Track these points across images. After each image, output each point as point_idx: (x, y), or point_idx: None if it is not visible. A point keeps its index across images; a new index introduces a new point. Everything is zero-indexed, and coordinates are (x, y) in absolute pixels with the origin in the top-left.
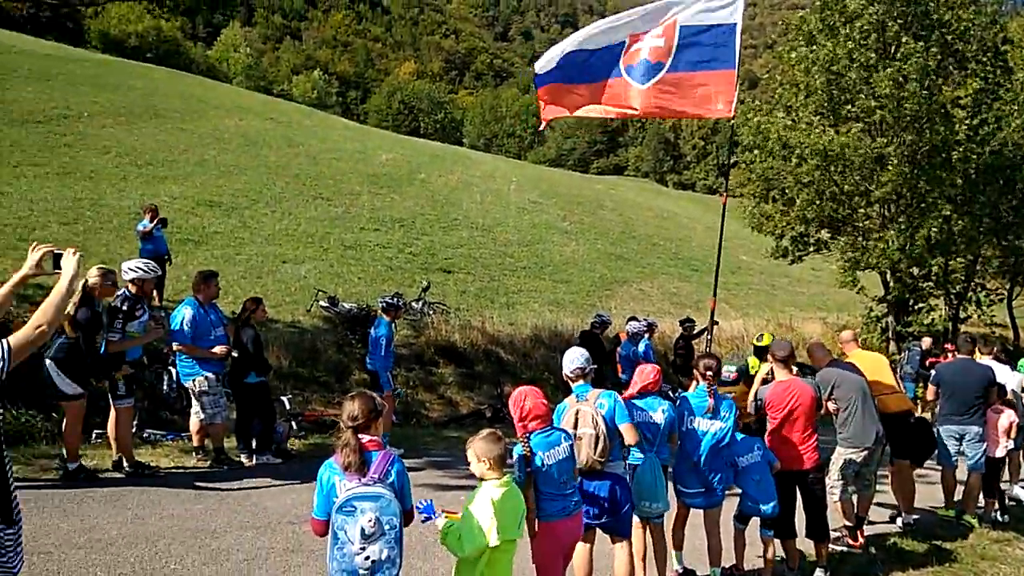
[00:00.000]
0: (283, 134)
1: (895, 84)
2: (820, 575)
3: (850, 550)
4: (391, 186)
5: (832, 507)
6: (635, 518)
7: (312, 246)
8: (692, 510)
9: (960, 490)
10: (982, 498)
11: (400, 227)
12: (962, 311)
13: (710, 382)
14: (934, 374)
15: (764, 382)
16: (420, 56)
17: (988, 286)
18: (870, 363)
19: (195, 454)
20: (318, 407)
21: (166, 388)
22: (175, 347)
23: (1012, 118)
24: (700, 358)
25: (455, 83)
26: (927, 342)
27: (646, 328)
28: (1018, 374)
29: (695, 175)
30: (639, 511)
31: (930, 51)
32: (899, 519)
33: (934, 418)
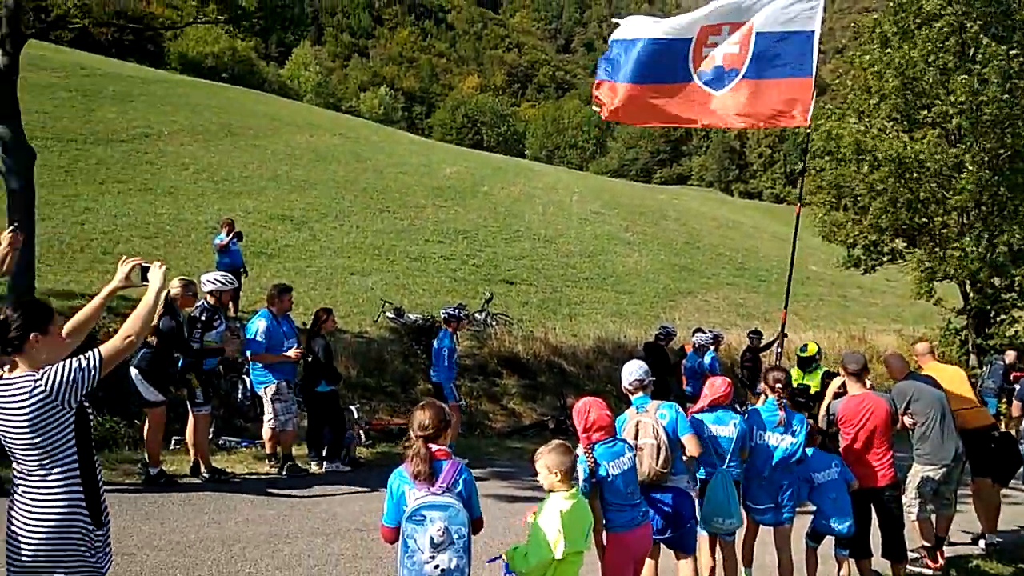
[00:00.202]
0: (351, 149)
1: (971, 91)
2: None
3: (929, 572)
4: (455, 199)
5: (909, 526)
6: (702, 533)
7: (379, 258)
8: (762, 527)
9: None
10: None
11: (463, 239)
12: None
13: (780, 395)
14: (1019, 389)
15: (836, 396)
16: (483, 70)
17: None
18: (948, 377)
19: (268, 461)
20: (385, 416)
21: (240, 396)
22: (250, 356)
23: None
24: (769, 371)
25: (517, 96)
26: (1011, 356)
27: (712, 340)
28: None
29: (762, 184)
30: (711, 527)
31: (1012, 53)
32: (982, 540)
33: (1019, 435)
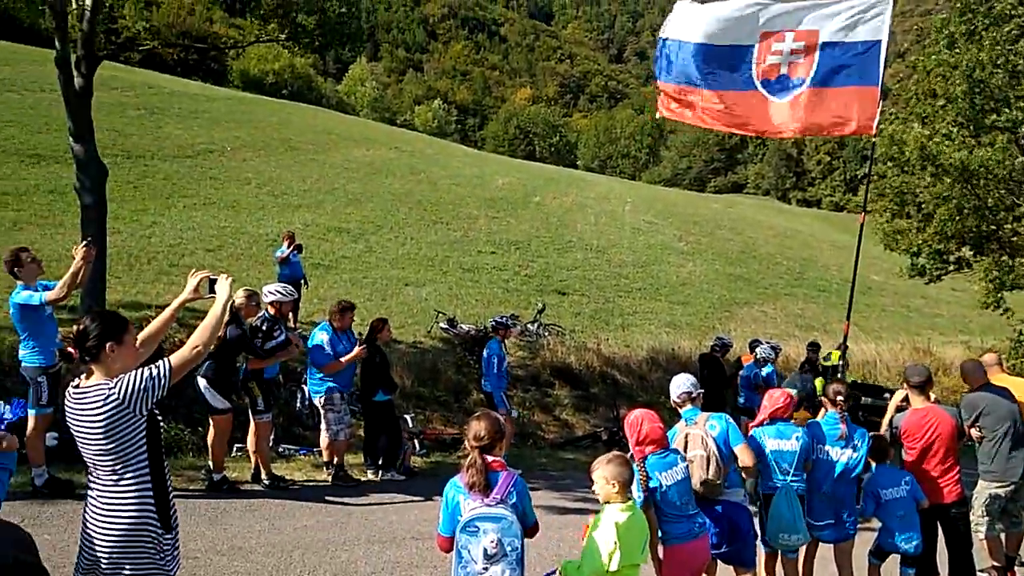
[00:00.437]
0: (406, 162)
1: None
2: None
3: None
4: (507, 210)
5: (978, 545)
6: (761, 549)
7: (432, 269)
8: (822, 543)
9: None
10: None
11: (516, 250)
12: None
13: (842, 409)
14: None
15: (899, 410)
16: (536, 81)
17: None
18: (1020, 389)
19: (325, 469)
20: (438, 426)
21: (299, 405)
22: (320, 367)
23: None
24: (829, 384)
25: (570, 106)
26: None
27: (774, 353)
28: None
29: (820, 191)
30: (777, 544)
31: None
32: None
33: None
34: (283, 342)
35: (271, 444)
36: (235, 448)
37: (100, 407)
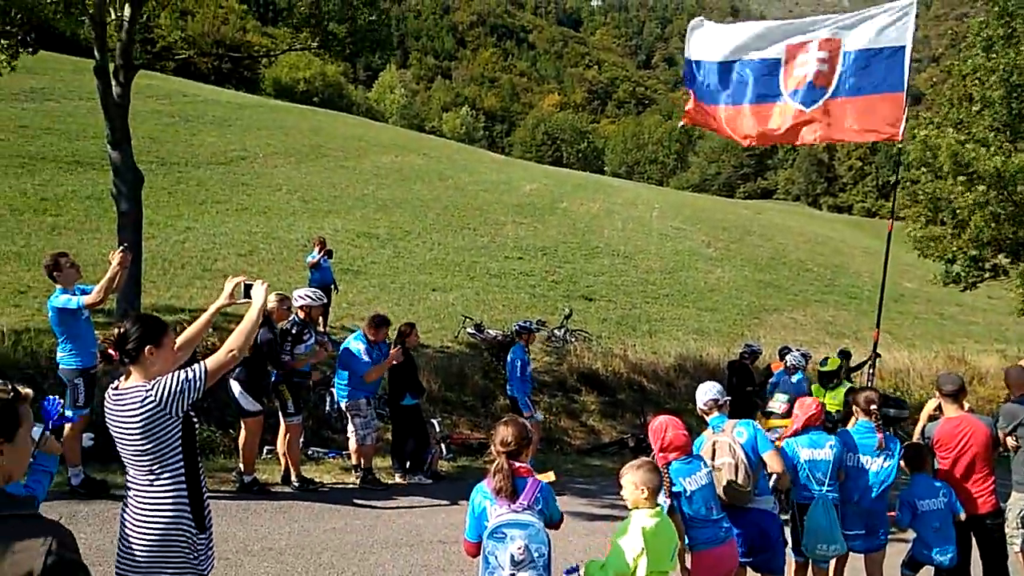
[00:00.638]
0: (434, 169)
1: None
2: None
3: None
4: (534, 215)
5: (1013, 557)
6: (791, 557)
7: (460, 274)
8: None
9: None
10: None
11: (543, 255)
12: None
13: (876, 417)
14: None
15: (931, 419)
16: (564, 88)
17: None
18: None
19: (354, 472)
20: (465, 430)
21: (328, 408)
22: (363, 376)
23: None
24: (859, 392)
25: (597, 112)
26: None
27: (804, 360)
28: None
29: (851, 197)
30: (814, 554)
31: None
32: None
33: None
34: (312, 346)
35: (300, 446)
36: (265, 450)
37: (138, 408)
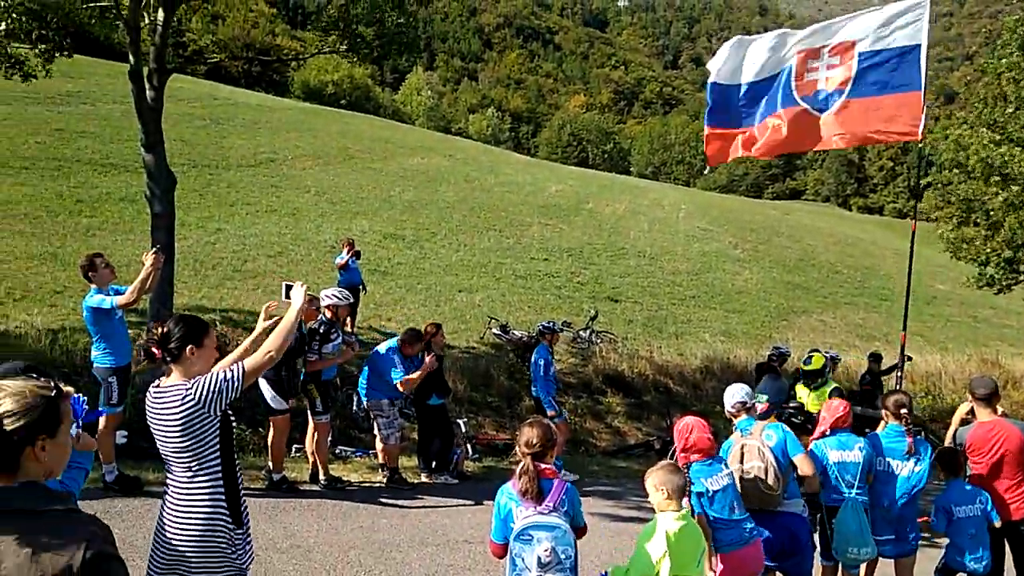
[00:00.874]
0: (460, 170)
1: None
2: None
3: None
4: (560, 217)
5: None
6: (819, 561)
7: (486, 275)
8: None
9: None
10: None
11: (568, 256)
12: None
13: (906, 420)
14: None
15: (964, 423)
16: (590, 89)
17: None
18: None
19: (381, 471)
20: (490, 431)
21: (355, 408)
22: (399, 384)
23: None
24: (889, 395)
25: (623, 113)
26: None
27: (833, 363)
28: None
29: (882, 198)
30: (845, 558)
31: None
32: None
33: None
34: (339, 345)
35: (328, 445)
36: (294, 449)
37: (178, 406)
